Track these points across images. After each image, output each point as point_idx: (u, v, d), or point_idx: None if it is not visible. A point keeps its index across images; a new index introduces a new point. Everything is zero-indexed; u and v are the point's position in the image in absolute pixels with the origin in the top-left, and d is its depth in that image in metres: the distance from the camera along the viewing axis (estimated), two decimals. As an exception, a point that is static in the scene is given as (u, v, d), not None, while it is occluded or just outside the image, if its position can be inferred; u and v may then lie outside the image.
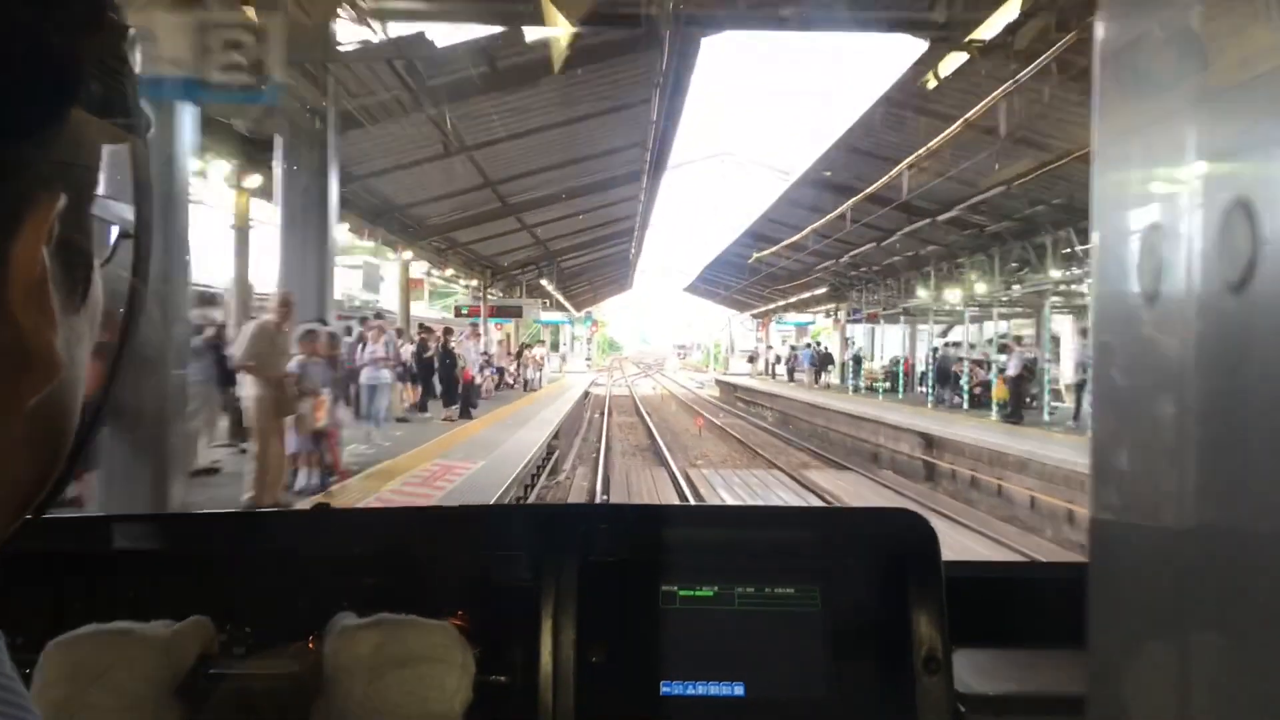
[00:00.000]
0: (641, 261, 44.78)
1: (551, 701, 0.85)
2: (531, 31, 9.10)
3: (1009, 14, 8.27)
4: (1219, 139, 0.39)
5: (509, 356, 24.72)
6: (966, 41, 9.18)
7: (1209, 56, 0.39)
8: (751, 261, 27.23)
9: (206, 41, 4.86)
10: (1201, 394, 0.39)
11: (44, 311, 0.29)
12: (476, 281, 24.29)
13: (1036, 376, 15.71)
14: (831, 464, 15.86)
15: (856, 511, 1.14)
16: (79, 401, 0.33)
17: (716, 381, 41.29)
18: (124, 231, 0.35)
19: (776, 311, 38.20)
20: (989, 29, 8.77)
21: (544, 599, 0.89)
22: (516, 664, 0.83)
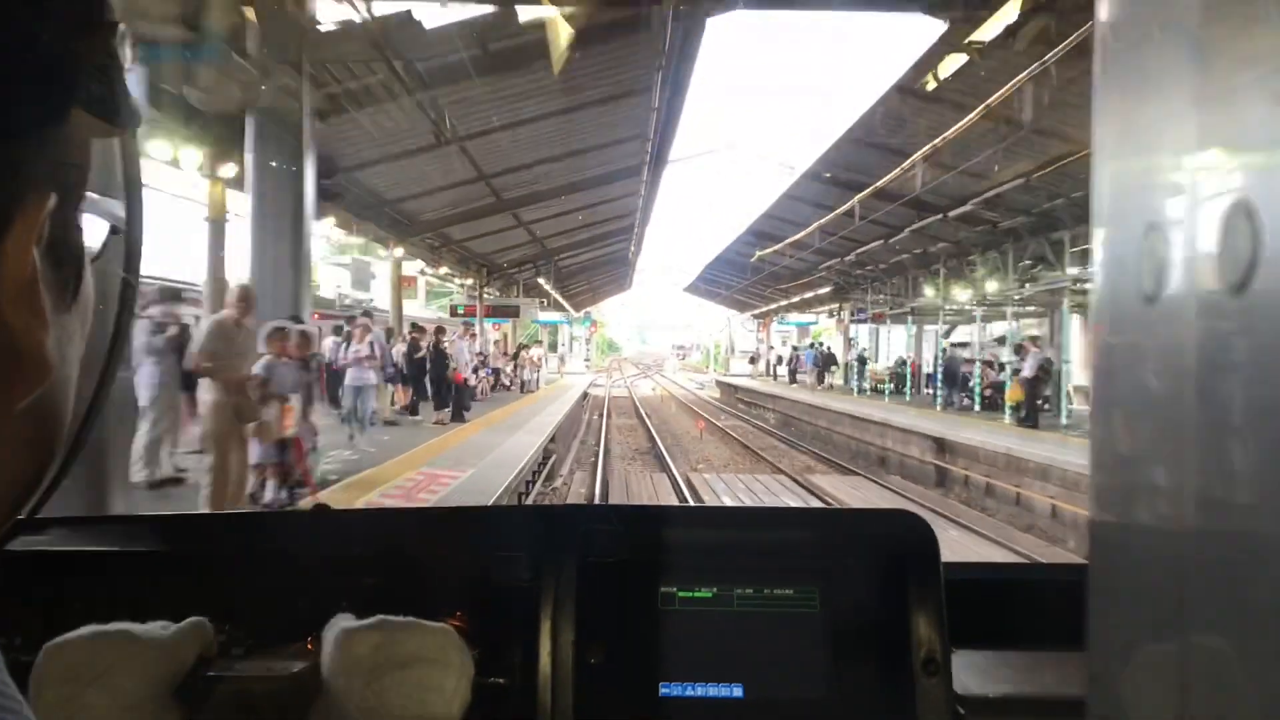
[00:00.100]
0: (641, 261, 44.57)
1: (550, 703, 0.86)
2: (525, 11, 8.59)
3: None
4: (1219, 139, 0.39)
5: (505, 357, 24.21)
6: (986, 21, 8.68)
7: (1209, 56, 0.39)
8: (754, 260, 26.74)
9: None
10: (1201, 395, 0.40)
11: (35, 312, 0.29)
12: (472, 280, 23.74)
13: (1052, 378, 15.17)
14: (838, 468, 15.59)
15: (855, 512, 1.15)
16: (71, 401, 0.33)
17: (717, 382, 41.21)
18: (114, 227, 0.35)
19: (778, 311, 37.71)
20: (1011, 9, 8.27)
21: (543, 600, 0.90)
22: (515, 665, 0.83)
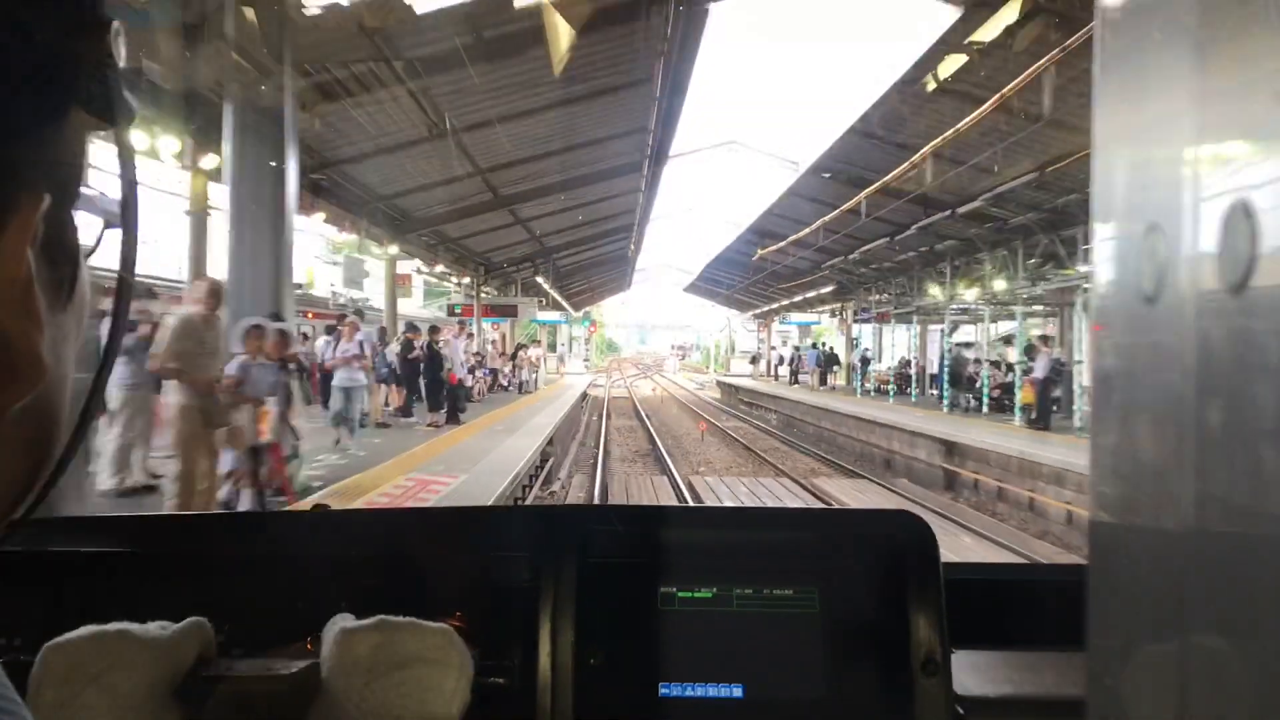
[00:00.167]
0: (641, 260, 44.11)
1: (550, 703, 0.86)
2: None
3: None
4: (1219, 138, 0.39)
5: (503, 357, 23.79)
6: (1003, 6, 8.29)
7: (1209, 56, 0.39)
8: (755, 259, 26.33)
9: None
10: (1201, 395, 0.40)
11: (30, 315, 0.29)
12: (469, 279, 23.33)
13: (1065, 379, 14.76)
14: (843, 471, 15.19)
15: (855, 513, 1.07)
16: (67, 400, 0.33)
17: (717, 383, 40.83)
18: (108, 223, 0.34)
19: (780, 311, 37.29)
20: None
21: (543, 600, 0.90)
22: (515, 665, 0.83)
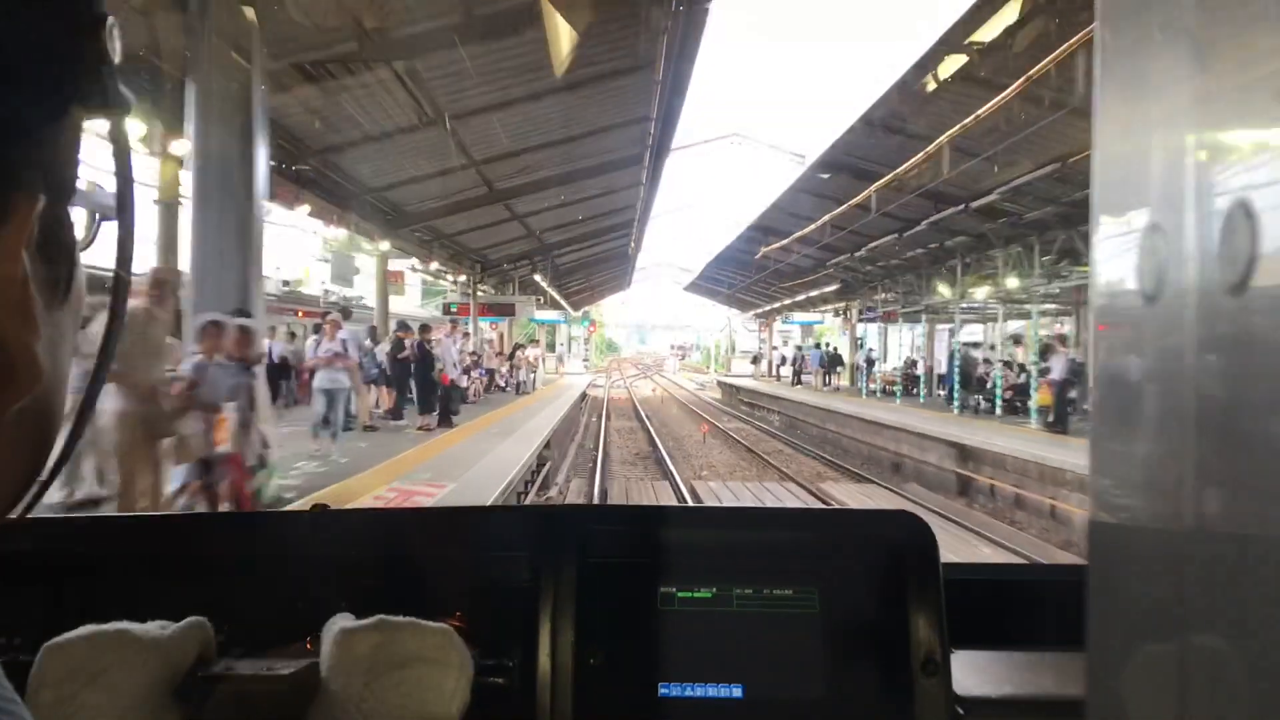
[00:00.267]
0: (641, 258, 43.54)
1: (550, 703, 0.86)
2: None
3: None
4: (1219, 138, 0.39)
5: (500, 357, 23.22)
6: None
7: (1208, 57, 0.39)
8: (758, 257, 25.76)
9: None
10: (1201, 395, 0.39)
11: (26, 318, 0.28)
12: (465, 276, 22.75)
13: (1083, 380, 14.23)
14: (850, 475, 14.67)
15: (855, 513, 1.04)
16: (64, 399, 0.32)
17: (718, 383, 40.28)
18: (103, 215, 0.34)
19: (782, 310, 36.73)
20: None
21: (542, 600, 0.89)
22: (515, 665, 0.83)
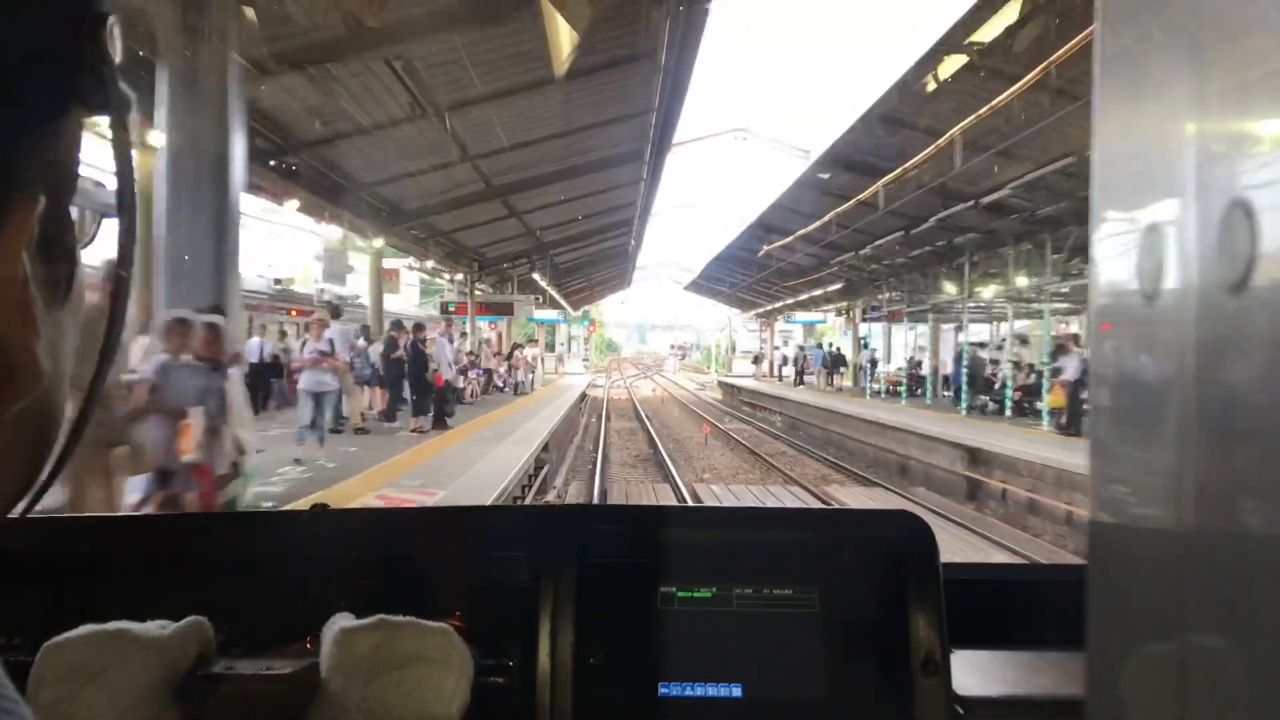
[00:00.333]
0: (641, 257, 43.14)
1: (549, 703, 0.86)
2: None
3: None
4: (1219, 139, 0.39)
5: (497, 357, 22.82)
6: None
7: (1208, 58, 0.39)
8: (760, 255, 25.37)
9: None
10: (1200, 394, 0.39)
11: (26, 319, 0.28)
12: (462, 275, 22.35)
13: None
14: (856, 478, 14.36)
15: (855, 513, 1.05)
16: (65, 399, 0.32)
17: (719, 383, 39.90)
18: (104, 215, 0.34)
19: (783, 310, 36.34)
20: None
21: (542, 600, 0.89)
22: (515, 665, 0.83)
